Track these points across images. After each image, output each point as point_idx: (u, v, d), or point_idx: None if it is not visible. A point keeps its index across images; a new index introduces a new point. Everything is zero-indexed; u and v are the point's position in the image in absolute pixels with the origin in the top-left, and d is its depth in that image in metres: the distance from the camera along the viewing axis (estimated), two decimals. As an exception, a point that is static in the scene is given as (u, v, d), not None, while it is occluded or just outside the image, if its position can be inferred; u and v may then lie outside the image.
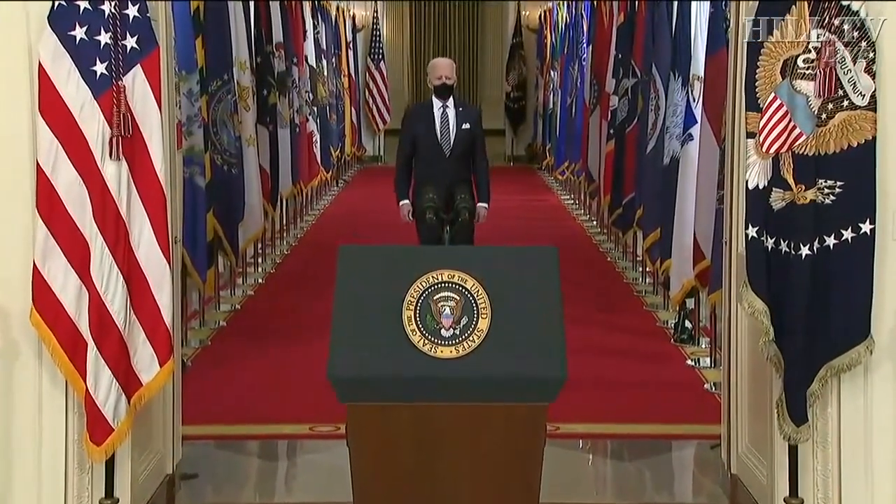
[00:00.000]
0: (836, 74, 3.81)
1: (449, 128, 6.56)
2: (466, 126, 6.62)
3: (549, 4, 17.41)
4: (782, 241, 3.89)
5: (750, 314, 3.99)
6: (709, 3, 6.28)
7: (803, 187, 3.87)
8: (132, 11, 3.89)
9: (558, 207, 14.36)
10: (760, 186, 3.91)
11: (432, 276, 3.53)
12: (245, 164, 8.02)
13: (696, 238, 6.37)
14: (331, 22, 15.01)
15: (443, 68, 6.69)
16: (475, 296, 3.52)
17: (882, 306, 3.93)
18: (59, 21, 3.85)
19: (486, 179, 6.68)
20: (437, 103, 6.67)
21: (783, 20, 3.85)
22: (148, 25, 3.95)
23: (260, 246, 9.77)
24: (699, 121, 6.39)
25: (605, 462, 5.47)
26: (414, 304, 3.51)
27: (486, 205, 6.64)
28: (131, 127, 3.90)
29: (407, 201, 6.56)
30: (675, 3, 7.06)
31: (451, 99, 6.66)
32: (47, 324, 3.89)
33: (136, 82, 3.92)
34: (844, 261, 3.84)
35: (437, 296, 3.52)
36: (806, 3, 3.82)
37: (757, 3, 3.99)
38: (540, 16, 18.69)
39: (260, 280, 9.32)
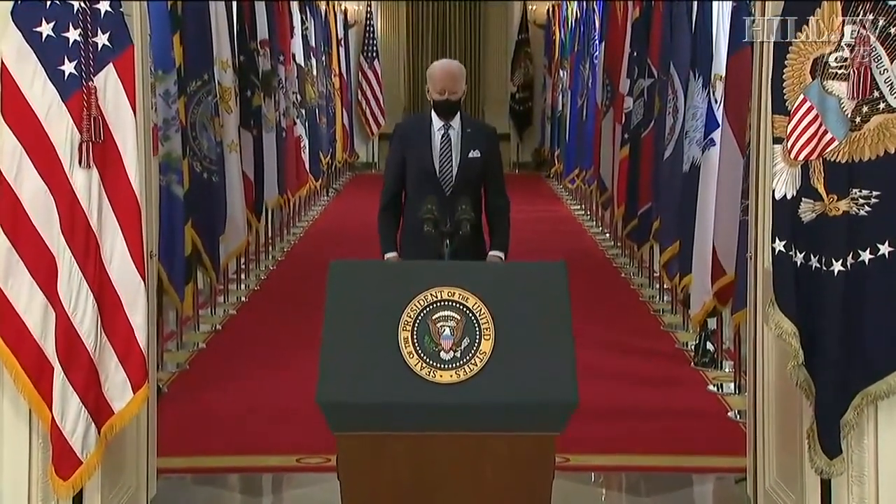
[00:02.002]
0: (872, 74, 3.82)
1: (451, 156, 5.28)
2: (475, 154, 5.29)
3: (558, -2, 17.47)
4: (812, 257, 3.88)
5: (777, 335, 3.98)
6: (732, -2, 6.30)
7: (835, 197, 3.86)
8: (104, 6, 3.90)
9: (568, 219, 14.37)
10: (788, 196, 3.91)
11: (431, 294, 3.53)
12: (227, 171, 8.02)
13: (717, 252, 6.37)
14: (320, 17, 15.05)
15: (446, 79, 5.30)
16: (477, 315, 3.51)
17: (922, 327, 3.92)
18: (24, 17, 3.85)
19: (506, 224, 5.33)
20: (436, 122, 5.31)
21: (812, 17, 3.85)
22: (121, 21, 3.95)
23: (243, 261, 9.77)
24: (721, 125, 6.40)
25: (620, 497, 5.44)
26: (411, 324, 3.50)
27: (501, 254, 5.20)
28: (103, 132, 3.90)
29: (394, 254, 5.12)
30: (695, -3, 7.08)
31: (456, 118, 5.33)
32: (9, 347, 3.88)
33: (108, 83, 3.92)
34: (881, 278, 3.84)
35: (436, 315, 3.51)
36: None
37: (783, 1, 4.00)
38: (548, 10, 18.74)
39: (243, 298, 9.31)
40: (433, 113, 5.38)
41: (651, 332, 8.21)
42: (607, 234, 12.50)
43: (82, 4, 3.87)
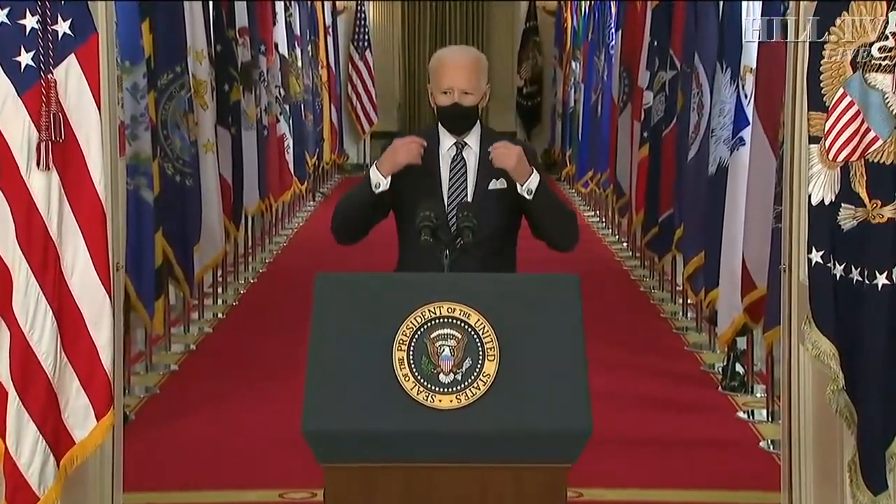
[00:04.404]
0: (920, 65, 3.82)
1: (466, 187, 4.27)
2: (500, 184, 4.24)
3: (570, -19, 17.50)
4: (854, 269, 3.88)
5: (814, 357, 3.98)
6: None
7: (879, 203, 3.86)
8: (65, -10, 3.90)
9: (581, 226, 14.35)
10: (826, 202, 3.91)
11: (429, 310, 3.53)
12: (202, 174, 8.04)
13: (746, 263, 6.37)
14: (306, 3, 15.09)
15: (456, 73, 4.26)
16: (480, 334, 3.51)
17: (975, 347, 3.92)
18: (-25, 2, 3.86)
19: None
20: (445, 140, 4.30)
21: (853, 1, 3.85)
22: (84, 7, 3.96)
23: (220, 273, 9.78)
24: (751, 122, 6.41)
25: (639, 536, 5.47)
26: (406, 343, 3.50)
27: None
28: (63, 130, 3.90)
29: (377, 171, 4.25)
30: (723, -20, 7.09)
31: (474, 131, 4.31)
32: (-41, 368, 3.88)
33: (69, 76, 3.92)
34: (930, 292, 3.84)
35: (435, 333, 3.51)
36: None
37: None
38: (559, -5, 18.81)
39: (220, 314, 9.32)
40: (440, 127, 4.31)
41: (674, 353, 8.21)
42: (625, 244, 12.51)
43: (41, -12, 3.87)
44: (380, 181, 4.24)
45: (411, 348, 3.50)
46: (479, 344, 3.51)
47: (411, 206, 4.16)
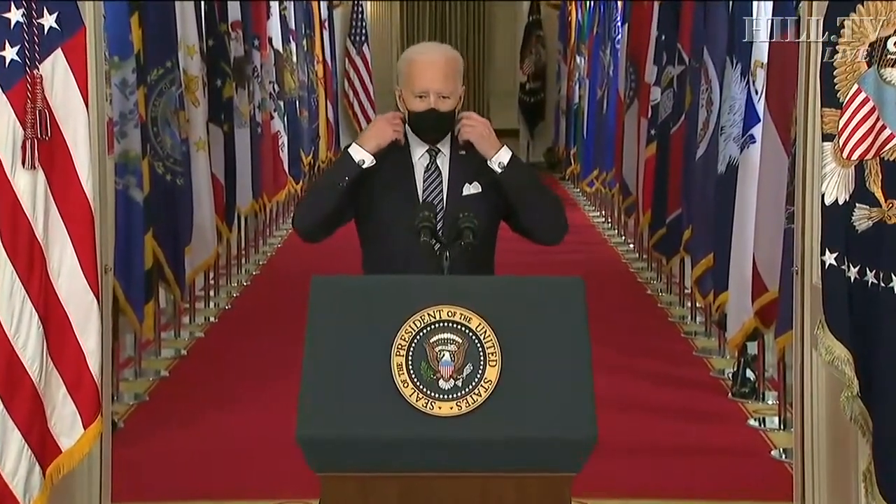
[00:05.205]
0: (938, 61, 3.82)
1: (442, 194, 4.16)
2: (474, 188, 4.17)
3: (575, -27, 17.51)
4: (868, 271, 3.88)
5: (828, 362, 3.98)
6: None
7: (895, 203, 3.86)
8: (52, -18, 3.90)
9: (586, 227, 14.39)
10: (840, 202, 3.91)
11: (428, 314, 3.53)
12: (193, 173, 8.04)
13: (757, 265, 6.38)
14: (301, -5, 15.09)
15: (431, 75, 4.09)
16: (481, 338, 3.51)
17: None
18: (-42, -5, 3.86)
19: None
20: (417, 148, 4.19)
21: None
22: (71, 1, 3.96)
23: (212, 276, 9.78)
24: (762, 119, 6.41)
25: (646, 548, 5.47)
26: (405, 348, 3.50)
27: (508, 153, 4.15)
28: (50, 127, 3.90)
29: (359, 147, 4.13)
30: (733, -28, 7.09)
31: (447, 141, 4.19)
32: (-58, 375, 3.89)
33: (55, 71, 3.92)
34: (948, 296, 3.84)
35: (435, 338, 3.51)
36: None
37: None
38: (563, -13, 18.82)
39: (212, 318, 9.32)
40: (409, 134, 4.17)
41: (682, 358, 8.21)
42: (631, 245, 12.51)
43: (26, -20, 3.88)
44: (364, 158, 4.10)
45: (410, 353, 3.50)
46: (480, 349, 3.50)
47: (382, 206, 4.12)
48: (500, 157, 4.12)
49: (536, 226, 4.21)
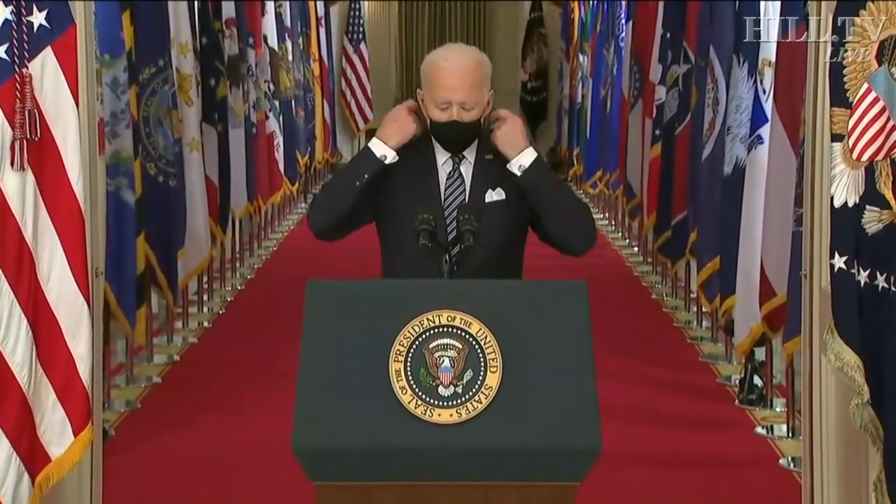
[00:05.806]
0: (949, 59, 3.82)
1: (464, 199, 4.08)
2: (497, 194, 4.08)
3: (578, -30, 17.52)
4: (879, 275, 3.88)
5: (837, 368, 3.98)
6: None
7: (906, 205, 3.86)
8: (41, -21, 3.91)
9: (590, 230, 14.39)
10: (850, 204, 3.91)
11: (427, 319, 3.52)
12: (186, 174, 8.04)
13: (765, 269, 6.38)
14: (297, -8, 15.10)
15: (455, 84, 3.99)
16: (482, 344, 3.51)
17: None
18: (-55, -9, 3.86)
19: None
20: (440, 154, 4.11)
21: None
22: (62, -3, 3.97)
23: (206, 280, 9.77)
24: (770, 119, 6.41)
25: (651, 559, 5.48)
26: (403, 354, 3.50)
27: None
28: (39, 127, 3.90)
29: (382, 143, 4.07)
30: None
31: (473, 147, 4.10)
32: (-72, 381, 3.89)
33: (45, 70, 3.92)
34: (960, 300, 3.84)
35: (434, 344, 3.51)
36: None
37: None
38: (565, -16, 18.83)
39: (205, 323, 9.32)
40: (434, 141, 4.09)
41: (687, 364, 8.21)
42: (635, 248, 12.51)
43: (15, -23, 3.88)
44: (386, 153, 4.01)
45: (409, 359, 3.49)
46: (480, 354, 3.50)
47: (404, 207, 4.01)
48: (521, 160, 4.01)
49: (560, 233, 4.11)
